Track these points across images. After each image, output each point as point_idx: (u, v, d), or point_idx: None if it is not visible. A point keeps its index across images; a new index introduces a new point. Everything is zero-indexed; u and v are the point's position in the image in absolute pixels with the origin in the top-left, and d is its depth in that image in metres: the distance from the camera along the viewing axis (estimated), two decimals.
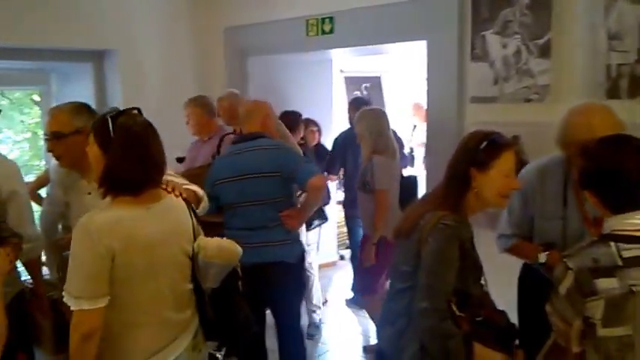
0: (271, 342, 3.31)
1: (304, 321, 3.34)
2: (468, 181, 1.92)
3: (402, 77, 7.35)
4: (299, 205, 3.16)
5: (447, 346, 1.81)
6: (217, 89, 4.41)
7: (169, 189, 2.01)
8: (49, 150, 2.45)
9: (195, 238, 1.99)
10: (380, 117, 3.86)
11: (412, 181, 4.43)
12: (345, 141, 4.69)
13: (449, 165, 1.99)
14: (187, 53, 4.70)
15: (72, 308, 1.73)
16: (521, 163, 2.61)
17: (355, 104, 4.81)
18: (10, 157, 5.05)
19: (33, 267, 2.63)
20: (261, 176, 2.95)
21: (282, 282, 3.04)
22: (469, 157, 1.93)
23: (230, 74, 4.72)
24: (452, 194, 1.95)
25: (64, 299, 1.75)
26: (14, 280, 2.48)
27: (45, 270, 3.12)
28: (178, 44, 4.63)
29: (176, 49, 4.61)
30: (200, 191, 2.46)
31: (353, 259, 4.87)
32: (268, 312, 3.24)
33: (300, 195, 3.27)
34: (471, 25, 3.35)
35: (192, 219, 2.01)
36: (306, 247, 3.90)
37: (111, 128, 1.81)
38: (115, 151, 1.80)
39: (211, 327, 2.07)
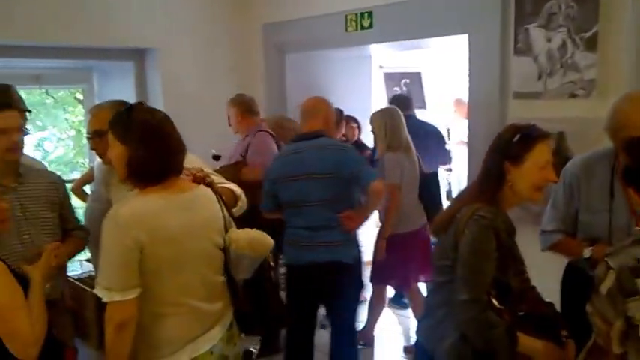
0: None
1: None
2: (502, 175, 1.91)
3: (443, 72, 7.24)
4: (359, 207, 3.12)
5: (489, 335, 1.80)
6: (256, 86, 4.44)
7: (198, 174, 2.01)
8: (92, 148, 2.49)
9: (226, 230, 2.00)
10: (394, 115, 3.91)
11: (432, 178, 4.40)
12: None
13: (484, 159, 2.00)
14: (226, 50, 4.72)
15: (104, 300, 1.76)
16: (565, 160, 2.55)
17: (396, 102, 4.77)
18: (55, 154, 5.26)
19: None
20: (321, 177, 2.94)
21: (339, 282, 3.03)
22: (503, 150, 1.93)
23: (268, 71, 4.73)
24: (487, 188, 1.94)
25: (96, 291, 1.78)
26: (64, 276, 2.55)
27: (91, 266, 3.20)
28: (217, 41, 4.65)
29: (215, 46, 4.64)
30: (237, 190, 2.44)
31: None
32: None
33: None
34: (514, 19, 3.26)
35: (222, 210, 2.01)
36: None
37: (128, 122, 1.84)
38: (134, 142, 1.81)
39: (246, 319, 2.08)
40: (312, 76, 4.80)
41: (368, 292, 4.17)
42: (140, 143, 1.81)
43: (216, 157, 3.98)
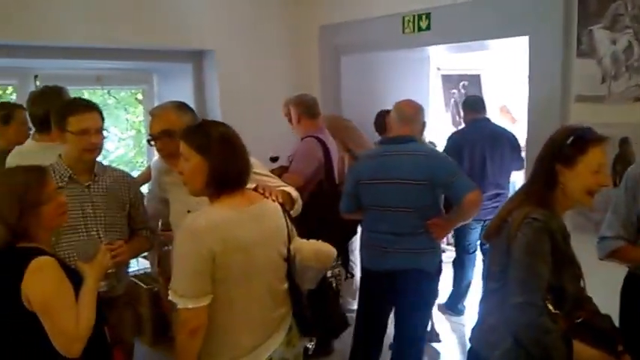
0: None
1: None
2: (554, 178, 1.88)
3: (504, 75, 7.07)
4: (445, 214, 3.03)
5: (545, 341, 1.75)
6: (311, 87, 4.45)
7: (266, 194, 2.06)
8: (159, 149, 2.49)
9: (289, 240, 2.04)
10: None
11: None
12: (459, 142, 4.46)
13: (536, 161, 1.97)
14: (282, 52, 4.75)
15: (178, 307, 1.81)
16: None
17: (469, 103, 4.66)
18: (116, 153, 5.43)
19: None
20: (409, 183, 2.85)
21: (417, 290, 2.95)
22: (555, 152, 1.90)
23: (323, 73, 4.74)
24: (538, 191, 1.91)
25: (170, 297, 1.84)
26: (123, 275, 2.60)
27: (146, 263, 3.29)
28: (273, 43, 4.69)
29: (271, 48, 4.68)
30: (294, 192, 2.47)
31: (457, 263, 4.70)
32: None
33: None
34: (577, 20, 3.15)
35: (286, 221, 2.05)
36: None
37: (206, 133, 1.91)
38: (215, 152, 1.88)
39: (306, 324, 2.10)
40: (368, 78, 4.78)
41: None
42: (221, 153, 1.88)
43: (274, 159, 4.02)
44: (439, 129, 6.05)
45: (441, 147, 4.69)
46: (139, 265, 3.31)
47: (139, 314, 2.84)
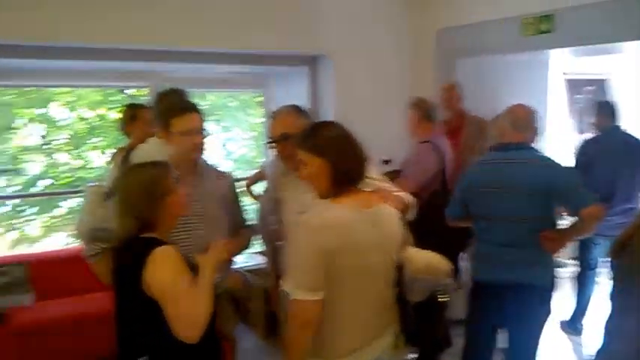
0: None
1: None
2: None
3: (635, 79, 6.57)
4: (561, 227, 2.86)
5: None
6: (425, 91, 4.40)
7: (385, 198, 2.06)
8: (279, 152, 2.53)
9: (402, 249, 2.02)
10: None
11: None
12: (592, 151, 4.15)
13: None
14: (397, 56, 4.77)
15: (290, 297, 1.85)
16: None
17: (603, 109, 4.25)
18: (238, 153, 5.69)
19: None
20: (524, 192, 2.71)
21: (526, 305, 2.80)
22: None
23: (438, 77, 4.67)
24: None
25: (283, 287, 1.88)
26: (226, 271, 2.67)
27: (260, 259, 3.38)
28: (389, 47, 4.72)
29: (386, 51, 4.70)
30: (408, 198, 2.43)
31: (581, 278, 4.40)
32: None
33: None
34: None
35: (402, 229, 2.04)
36: None
37: (321, 136, 1.94)
38: (334, 152, 1.90)
39: (411, 335, 2.08)
40: (483, 82, 4.67)
41: None
42: (339, 152, 1.90)
43: (386, 162, 4.02)
44: (562, 136, 5.76)
45: (564, 154, 4.43)
46: (253, 260, 3.39)
47: (252, 309, 2.93)
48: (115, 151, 3.50)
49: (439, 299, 2.13)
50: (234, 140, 5.79)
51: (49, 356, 3.66)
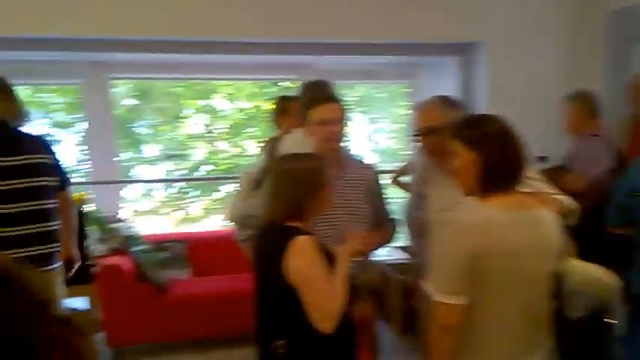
0: None
1: None
2: None
3: None
4: None
5: None
6: (589, 82, 4.02)
7: (541, 201, 1.91)
8: (423, 145, 2.48)
9: (562, 257, 1.86)
10: None
11: None
12: None
13: None
14: (559, 42, 4.42)
15: (432, 299, 1.79)
16: None
17: None
18: (384, 144, 5.68)
19: None
20: None
21: None
22: None
23: (609, 64, 4.21)
24: None
25: (425, 287, 1.83)
26: (366, 264, 2.66)
27: (404, 254, 3.34)
28: (551, 33, 4.39)
29: (547, 37, 4.39)
30: (569, 203, 2.23)
31: None
32: None
33: None
34: None
35: (562, 235, 1.87)
36: None
37: (481, 127, 1.83)
38: (490, 147, 1.78)
39: (568, 356, 1.88)
40: None
41: None
42: (497, 149, 1.78)
43: (542, 159, 3.76)
44: None
45: None
46: (396, 254, 3.38)
47: (385, 303, 2.91)
48: (266, 141, 3.65)
49: (604, 320, 1.89)
50: (381, 132, 5.79)
51: (199, 326, 4.00)
